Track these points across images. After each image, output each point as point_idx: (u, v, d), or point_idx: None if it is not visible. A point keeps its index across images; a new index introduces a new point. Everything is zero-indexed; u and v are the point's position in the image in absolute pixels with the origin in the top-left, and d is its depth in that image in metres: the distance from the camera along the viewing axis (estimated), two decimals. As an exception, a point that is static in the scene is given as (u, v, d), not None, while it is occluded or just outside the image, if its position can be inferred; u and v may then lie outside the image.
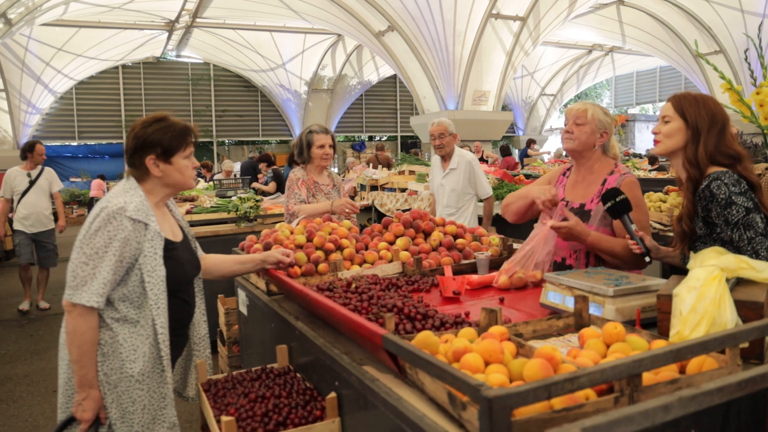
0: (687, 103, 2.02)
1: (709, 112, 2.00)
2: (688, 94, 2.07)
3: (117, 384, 1.93)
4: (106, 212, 1.89)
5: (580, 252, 2.50)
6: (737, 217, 1.87)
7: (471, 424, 1.11)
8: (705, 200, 1.94)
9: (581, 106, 2.55)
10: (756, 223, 1.87)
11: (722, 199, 1.89)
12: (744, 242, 1.87)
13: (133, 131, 2.01)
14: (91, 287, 1.86)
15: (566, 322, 1.73)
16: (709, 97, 2.09)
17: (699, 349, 1.19)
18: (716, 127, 1.99)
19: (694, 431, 1.21)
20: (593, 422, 0.87)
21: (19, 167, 6.71)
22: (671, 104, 2.06)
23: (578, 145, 2.52)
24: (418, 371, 1.32)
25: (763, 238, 1.86)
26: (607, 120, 2.56)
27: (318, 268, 2.51)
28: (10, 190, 6.61)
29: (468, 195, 4.62)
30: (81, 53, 17.02)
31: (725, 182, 1.90)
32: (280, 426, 1.64)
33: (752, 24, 13.60)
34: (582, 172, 2.60)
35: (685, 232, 2.06)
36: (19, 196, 6.60)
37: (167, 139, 1.99)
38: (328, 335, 1.85)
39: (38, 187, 6.64)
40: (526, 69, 21.02)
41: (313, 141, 3.66)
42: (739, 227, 1.87)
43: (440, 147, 4.56)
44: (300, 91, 20.60)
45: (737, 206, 1.87)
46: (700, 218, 1.99)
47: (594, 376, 1.06)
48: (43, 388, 4.38)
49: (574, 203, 2.55)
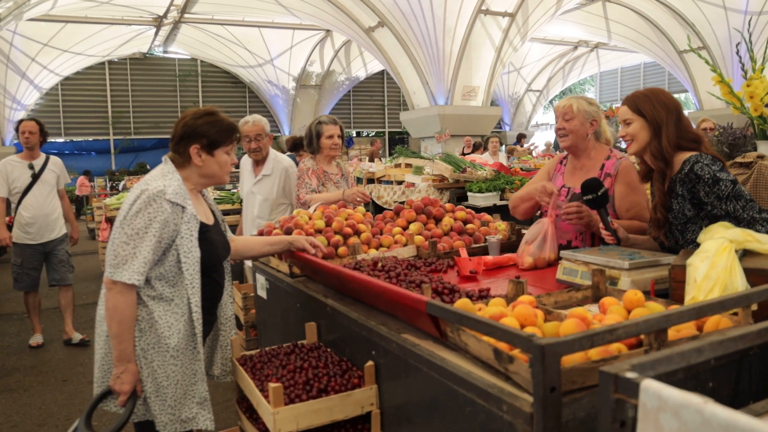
0: (641, 101, 2.17)
1: (663, 103, 2.14)
2: (639, 92, 2.22)
3: (153, 359, 2.02)
4: (146, 194, 1.99)
5: (585, 234, 2.64)
6: (727, 190, 2.02)
7: (518, 375, 1.23)
8: (690, 183, 2.08)
9: (566, 102, 2.70)
10: (743, 192, 2.03)
11: (708, 179, 2.03)
12: (739, 211, 2.01)
13: (183, 120, 2.12)
14: (131, 266, 1.95)
15: (584, 294, 1.86)
16: (659, 89, 2.24)
17: (718, 307, 1.32)
18: (673, 116, 2.13)
19: (712, 384, 1.35)
20: (639, 360, 0.98)
21: (16, 156, 5.06)
22: (627, 106, 2.22)
23: (573, 139, 2.67)
24: (460, 333, 1.44)
25: (753, 203, 2.03)
26: (593, 109, 2.70)
27: (338, 251, 2.62)
28: (7, 187, 4.94)
29: (283, 205, 4.06)
30: (67, 49, 16.88)
31: (705, 163, 2.05)
32: (322, 392, 1.75)
33: (734, 21, 13.90)
34: (580, 160, 2.74)
35: (659, 219, 2.21)
36: (19, 196, 4.94)
37: (214, 132, 2.11)
38: (360, 310, 1.96)
39: (44, 183, 5.00)
40: (513, 65, 21.23)
41: (323, 131, 3.76)
42: (731, 199, 2.02)
43: (257, 150, 3.96)
44: (288, 87, 20.61)
45: (723, 181, 2.02)
46: (686, 201, 2.12)
47: (630, 328, 1.19)
48: (52, 378, 4.43)
49: (575, 189, 2.67)
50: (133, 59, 19.46)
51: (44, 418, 3.74)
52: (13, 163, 4.97)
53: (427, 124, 13.35)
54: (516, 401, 1.19)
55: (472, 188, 6.00)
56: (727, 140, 3.89)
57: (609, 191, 2.52)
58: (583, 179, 2.67)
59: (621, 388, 0.92)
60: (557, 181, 2.80)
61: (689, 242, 2.13)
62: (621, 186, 2.57)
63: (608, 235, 2.30)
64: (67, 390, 4.19)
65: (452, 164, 6.22)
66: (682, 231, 2.17)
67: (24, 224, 4.94)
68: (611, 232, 2.29)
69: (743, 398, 1.40)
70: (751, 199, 2.03)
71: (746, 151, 3.55)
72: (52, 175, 5.07)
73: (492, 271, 2.49)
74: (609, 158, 2.66)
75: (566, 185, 2.73)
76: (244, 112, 21.02)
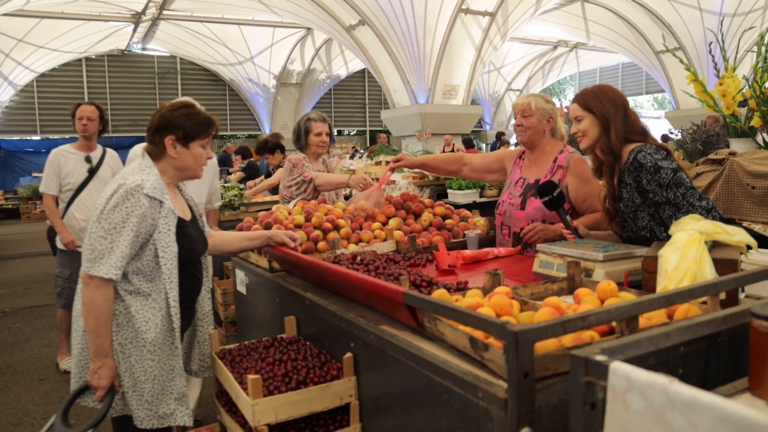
0: (590, 99, 2.25)
1: (610, 99, 2.23)
2: (588, 90, 2.30)
3: (130, 354, 2.01)
4: (124, 189, 1.97)
5: (536, 221, 2.69)
6: (668, 178, 2.09)
7: (493, 362, 1.25)
8: (635, 171, 2.15)
9: (524, 100, 2.81)
10: (684, 179, 2.10)
11: (650, 167, 2.10)
12: (679, 198, 2.08)
13: (160, 111, 2.11)
14: (108, 260, 1.94)
15: (560, 286, 1.89)
16: (606, 86, 2.33)
17: (687, 295, 1.36)
18: (620, 111, 2.21)
19: (682, 370, 1.38)
20: (609, 344, 1.01)
21: (71, 146, 4.25)
22: (577, 104, 2.30)
23: (531, 135, 2.78)
24: (437, 323, 1.46)
25: (693, 191, 2.09)
26: (550, 107, 2.82)
27: (317, 246, 2.63)
28: (58, 183, 4.12)
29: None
30: (43, 45, 16.59)
31: (648, 152, 2.12)
32: (300, 384, 1.76)
33: (709, 22, 14.17)
34: (536, 155, 2.85)
35: (609, 210, 2.31)
36: (72, 193, 4.14)
37: (190, 125, 2.10)
38: (339, 303, 1.97)
39: (100, 180, 4.20)
40: (493, 64, 21.38)
41: (311, 128, 3.75)
42: (671, 186, 2.09)
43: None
44: (269, 85, 20.50)
45: (664, 169, 2.09)
46: (633, 190, 2.19)
47: (601, 315, 1.21)
48: (28, 377, 4.37)
49: (530, 180, 2.78)
50: (111, 56, 19.20)
51: (20, 417, 3.69)
52: (67, 154, 4.14)
53: (408, 123, 13.38)
54: (491, 387, 1.21)
55: (452, 185, 6.04)
56: (701, 138, 3.97)
57: (561, 183, 2.64)
58: (537, 172, 2.77)
59: (591, 371, 0.94)
60: (515, 174, 2.90)
61: (642, 229, 2.22)
62: (573, 178, 2.68)
63: (569, 233, 2.36)
64: (43, 389, 4.13)
65: (432, 162, 6.24)
66: (634, 219, 2.25)
67: (77, 228, 4.12)
68: (571, 230, 2.35)
69: (712, 384, 1.44)
70: (691, 187, 2.10)
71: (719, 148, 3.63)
72: (108, 171, 4.27)
73: (470, 265, 2.51)
74: (562, 152, 2.77)
75: (523, 176, 2.84)
76: (225, 111, 20.92)
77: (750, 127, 3.28)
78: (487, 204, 5.82)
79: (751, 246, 1.78)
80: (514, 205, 2.75)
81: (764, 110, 3.15)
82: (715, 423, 0.75)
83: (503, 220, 2.82)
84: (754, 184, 3.03)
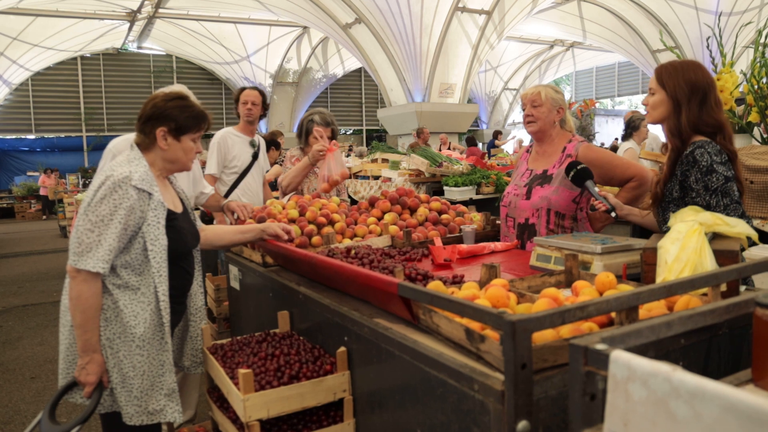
0: (667, 74, 2.05)
1: (689, 81, 2.02)
2: (670, 64, 2.10)
3: (119, 349, 1.97)
4: (111, 180, 1.93)
5: (541, 210, 2.66)
6: (717, 184, 1.97)
7: (490, 354, 1.22)
8: (687, 165, 2.04)
9: (534, 90, 2.74)
10: (733, 191, 1.98)
11: (704, 166, 1.98)
12: (720, 208, 1.97)
13: (153, 101, 2.06)
14: (96, 253, 1.89)
15: (558, 279, 1.86)
16: (692, 63, 2.10)
17: (688, 286, 1.32)
18: (697, 97, 2.01)
19: (682, 363, 1.35)
20: (610, 333, 0.98)
21: (234, 129, 4.08)
22: (655, 76, 2.12)
23: (540, 125, 2.72)
24: (432, 315, 1.42)
25: (737, 206, 1.98)
26: (559, 97, 2.76)
27: (312, 241, 2.59)
28: (221, 164, 3.94)
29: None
30: (38, 43, 16.54)
31: (708, 150, 1.98)
32: (293, 379, 1.72)
33: (705, 21, 14.18)
34: (544, 146, 2.80)
35: (657, 194, 2.19)
36: (236, 177, 3.97)
37: (183, 117, 2.05)
38: (333, 297, 1.93)
39: (259, 166, 4.11)
40: (490, 63, 21.37)
41: (312, 131, 3.71)
42: (717, 193, 1.98)
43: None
44: (265, 84, 20.46)
45: (717, 174, 1.97)
46: (677, 182, 2.10)
47: (600, 305, 1.18)
48: (20, 375, 4.32)
49: (537, 171, 2.75)
50: (106, 55, 19.14)
51: (11, 416, 3.64)
52: (233, 136, 4.02)
53: (404, 121, 13.36)
54: (487, 380, 1.18)
55: (448, 182, 6.01)
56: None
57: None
58: (545, 164, 2.75)
59: (591, 361, 0.91)
60: (522, 167, 2.89)
61: (664, 222, 2.12)
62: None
63: (600, 203, 2.29)
64: (35, 387, 4.08)
65: (429, 159, 6.21)
66: (664, 209, 2.16)
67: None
68: (601, 200, 2.28)
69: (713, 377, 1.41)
70: (738, 201, 1.97)
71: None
72: (263, 158, 4.21)
73: (466, 259, 2.48)
74: (570, 141, 2.73)
75: (530, 168, 2.82)
76: (221, 109, 20.87)
77: (748, 122, 3.25)
78: (483, 201, 5.79)
79: (752, 237, 1.74)
80: (519, 195, 2.72)
81: (762, 105, 3.12)
82: (721, 412, 0.72)
83: (508, 212, 2.79)
84: (752, 178, 3.01)
